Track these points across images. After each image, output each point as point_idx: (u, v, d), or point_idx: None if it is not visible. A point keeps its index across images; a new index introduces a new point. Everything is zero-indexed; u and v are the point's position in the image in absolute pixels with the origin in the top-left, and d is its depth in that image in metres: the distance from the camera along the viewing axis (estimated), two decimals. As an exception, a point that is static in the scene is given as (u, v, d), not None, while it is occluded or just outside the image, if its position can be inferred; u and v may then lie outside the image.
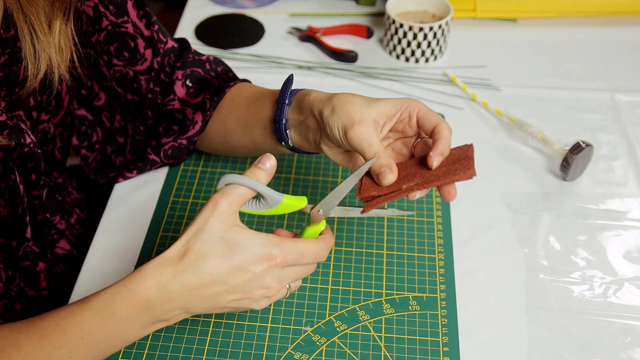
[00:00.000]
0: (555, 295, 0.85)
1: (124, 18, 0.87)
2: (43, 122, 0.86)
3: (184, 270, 0.66)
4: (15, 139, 0.78)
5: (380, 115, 0.74)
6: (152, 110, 0.93)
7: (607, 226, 0.93)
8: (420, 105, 0.74)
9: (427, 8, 1.23)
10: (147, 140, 0.95)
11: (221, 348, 0.79)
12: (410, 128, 0.75)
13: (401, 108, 0.74)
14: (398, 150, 0.78)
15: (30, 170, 0.82)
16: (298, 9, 1.32)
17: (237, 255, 0.66)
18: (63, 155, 0.93)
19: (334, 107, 0.74)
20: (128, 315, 0.66)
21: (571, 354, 0.79)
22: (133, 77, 0.91)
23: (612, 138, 1.06)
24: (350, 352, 0.79)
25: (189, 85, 0.93)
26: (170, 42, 0.92)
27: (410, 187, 0.70)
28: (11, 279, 0.88)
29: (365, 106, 0.74)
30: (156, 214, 0.93)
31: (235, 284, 0.67)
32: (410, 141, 0.77)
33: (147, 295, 0.66)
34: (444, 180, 0.70)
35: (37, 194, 0.85)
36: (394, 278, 0.86)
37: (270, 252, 0.67)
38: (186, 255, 0.66)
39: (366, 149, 0.71)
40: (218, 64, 0.96)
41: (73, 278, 0.89)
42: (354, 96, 0.75)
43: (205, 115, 0.91)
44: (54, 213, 0.93)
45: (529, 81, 1.16)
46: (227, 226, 0.67)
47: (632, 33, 1.27)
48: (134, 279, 0.66)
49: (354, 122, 0.72)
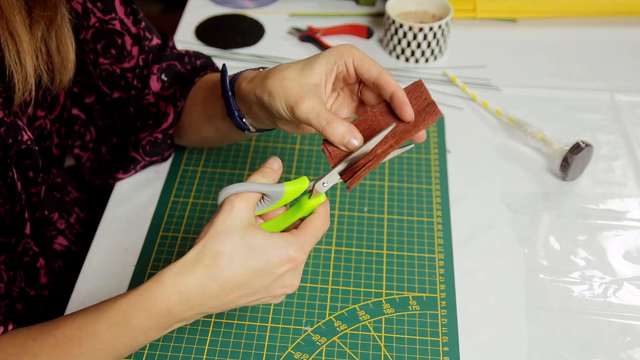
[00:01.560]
0: (555, 295, 0.85)
1: (112, 15, 0.87)
2: (39, 118, 0.85)
3: (205, 277, 0.64)
4: (12, 137, 0.78)
5: (317, 77, 0.71)
6: (134, 106, 0.93)
7: (607, 226, 0.93)
8: (354, 51, 0.71)
9: (427, 8, 1.23)
10: (128, 138, 0.95)
11: (221, 348, 0.79)
12: (350, 77, 0.73)
13: (336, 61, 0.71)
14: (345, 99, 0.76)
15: (28, 167, 0.82)
16: (298, 9, 1.32)
17: (259, 258, 0.65)
18: (61, 151, 0.93)
19: (271, 91, 0.71)
20: (146, 325, 0.65)
21: (571, 354, 0.79)
22: (120, 75, 0.91)
23: (612, 138, 1.06)
24: (350, 352, 0.79)
25: (164, 80, 0.92)
26: (155, 40, 0.92)
27: (385, 150, 0.69)
28: (13, 280, 0.88)
29: (300, 76, 0.71)
30: (156, 214, 0.93)
31: (258, 287, 0.66)
32: (354, 87, 0.75)
33: (167, 305, 0.64)
34: (416, 131, 0.70)
35: (35, 191, 0.85)
36: (394, 278, 0.86)
37: (291, 254, 0.65)
38: (206, 260, 0.64)
39: (314, 120, 0.68)
40: (198, 57, 0.96)
41: (72, 274, 0.89)
42: (286, 70, 0.72)
43: (176, 106, 0.90)
44: (52, 210, 0.93)
45: (529, 81, 1.16)
46: (246, 227, 0.65)
47: (632, 33, 1.27)
48: (152, 288, 0.64)
49: (296, 99, 0.69)
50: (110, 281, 0.86)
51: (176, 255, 0.88)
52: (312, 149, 1.02)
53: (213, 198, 0.96)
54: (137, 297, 0.64)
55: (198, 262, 0.64)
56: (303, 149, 1.02)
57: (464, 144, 1.04)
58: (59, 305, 0.89)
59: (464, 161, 1.01)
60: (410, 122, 0.70)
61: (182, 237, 0.91)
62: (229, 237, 0.64)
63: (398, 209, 0.94)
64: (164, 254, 0.88)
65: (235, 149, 1.02)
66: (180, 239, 0.90)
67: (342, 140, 0.68)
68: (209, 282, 0.64)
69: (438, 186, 0.97)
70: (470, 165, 1.01)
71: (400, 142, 0.69)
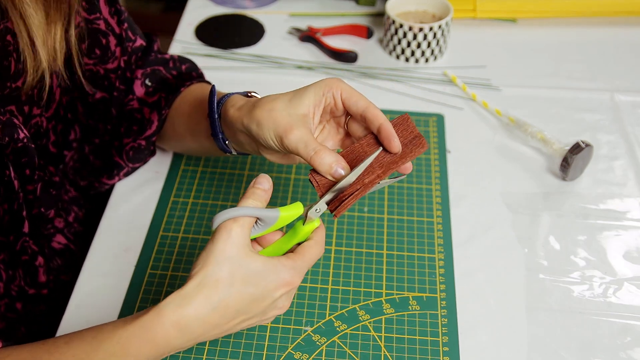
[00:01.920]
0: (555, 295, 0.85)
1: (96, 15, 0.87)
2: (35, 116, 0.85)
3: (205, 308, 0.64)
4: (9, 135, 0.78)
5: (306, 109, 0.72)
6: (117, 108, 0.93)
7: (606, 226, 0.93)
8: (342, 85, 0.73)
9: (427, 8, 1.23)
10: (111, 142, 0.94)
11: (221, 348, 0.79)
12: (337, 109, 0.74)
13: (324, 93, 0.73)
14: (331, 132, 0.77)
15: (25, 165, 0.82)
16: (298, 9, 1.32)
17: (257, 284, 0.66)
18: (58, 149, 0.93)
19: (259, 121, 0.72)
20: (144, 354, 0.65)
21: (571, 354, 0.79)
22: (104, 75, 0.91)
23: (612, 138, 1.06)
24: (350, 352, 0.79)
25: (148, 85, 0.92)
26: (139, 41, 0.92)
27: (372, 180, 0.70)
28: (12, 278, 0.88)
29: (289, 107, 0.72)
30: (156, 214, 0.93)
31: (255, 312, 0.67)
32: (340, 120, 0.76)
33: (167, 337, 0.64)
34: (403, 162, 0.71)
35: (31, 189, 0.85)
36: (394, 278, 0.86)
37: (287, 279, 0.67)
38: (205, 290, 0.64)
39: (302, 150, 0.69)
40: (183, 62, 0.96)
41: (71, 273, 0.89)
42: (274, 101, 0.73)
43: (160, 114, 0.90)
44: (49, 207, 0.93)
45: (528, 81, 1.16)
46: (244, 254, 0.66)
47: (632, 33, 1.27)
48: (152, 321, 0.64)
49: (285, 129, 0.70)
50: (110, 281, 0.86)
51: (176, 255, 0.88)
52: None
53: (213, 198, 0.96)
54: (137, 328, 0.64)
55: (198, 293, 0.64)
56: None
57: (464, 144, 1.04)
58: (59, 304, 0.89)
59: (464, 161, 1.01)
60: (397, 154, 0.71)
61: (182, 237, 0.91)
62: (227, 265, 0.65)
63: (398, 209, 0.94)
64: (164, 254, 0.88)
65: (235, 149, 1.02)
66: (180, 239, 0.90)
67: (329, 170, 0.69)
68: (209, 312, 0.65)
69: (438, 186, 0.97)
70: (470, 165, 1.01)
71: (387, 173, 0.71)
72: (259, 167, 1.00)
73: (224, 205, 0.95)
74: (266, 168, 1.00)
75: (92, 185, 0.97)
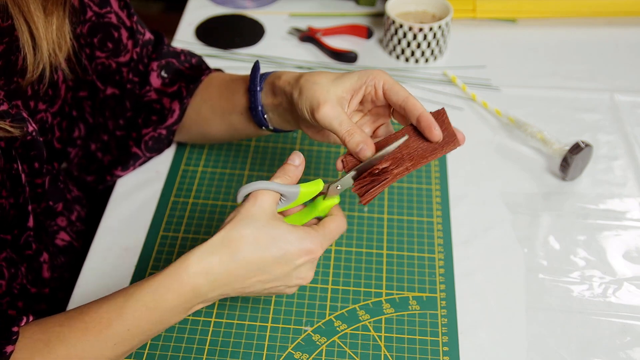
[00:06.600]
0: (555, 295, 0.85)
1: (107, 8, 0.89)
2: (40, 111, 0.86)
3: (230, 258, 0.67)
4: (19, 128, 0.79)
5: (345, 91, 0.75)
6: (131, 101, 0.94)
7: (606, 226, 0.93)
8: (385, 77, 0.76)
9: (427, 8, 1.23)
10: (128, 134, 0.96)
11: (221, 348, 0.79)
12: (378, 99, 0.77)
13: (366, 81, 0.76)
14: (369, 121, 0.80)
15: (34, 158, 0.83)
16: (298, 10, 1.32)
17: (280, 247, 0.68)
18: (62, 145, 0.93)
19: (301, 89, 0.76)
20: (174, 305, 0.67)
21: (571, 354, 0.79)
22: (115, 69, 0.92)
23: (612, 138, 1.06)
24: (350, 351, 0.79)
25: (164, 76, 0.95)
26: (147, 34, 0.94)
27: (401, 171, 0.73)
28: (14, 277, 0.88)
29: (330, 85, 0.75)
30: (156, 214, 0.93)
31: (277, 274, 0.70)
32: (379, 111, 0.79)
33: (194, 283, 0.67)
34: (433, 157, 0.73)
35: (40, 182, 0.85)
36: (394, 278, 0.86)
37: (310, 247, 0.70)
38: (231, 243, 0.67)
39: (337, 127, 0.73)
40: (192, 55, 0.98)
41: (74, 270, 0.89)
42: (320, 75, 0.77)
43: (182, 103, 0.93)
44: (57, 200, 0.94)
45: (528, 81, 1.16)
46: (270, 217, 0.69)
47: (632, 33, 1.27)
48: (179, 268, 0.67)
49: (319, 102, 0.74)
50: (111, 281, 0.86)
51: (176, 255, 0.88)
52: (312, 149, 1.02)
53: (213, 198, 0.96)
54: (165, 277, 0.67)
55: (222, 245, 0.67)
56: (303, 149, 1.02)
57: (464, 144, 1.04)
58: (59, 304, 0.89)
59: (464, 161, 1.02)
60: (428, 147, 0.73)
61: (182, 237, 0.91)
62: (253, 224, 0.68)
63: (398, 209, 0.94)
64: (164, 254, 0.89)
65: (236, 149, 1.02)
66: (181, 239, 0.90)
67: (355, 148, 0.73)
68: (232, 263, 0.67)
69: (438, 186, 0.97)
70: (470, 165, 1.01)
71: (416, 166, 0.73)
72: (259, 167, 1.00)
73: (224, 205, 0.95)
74: (266, 168, 1.00)
75: (102, 178, 0.98)
